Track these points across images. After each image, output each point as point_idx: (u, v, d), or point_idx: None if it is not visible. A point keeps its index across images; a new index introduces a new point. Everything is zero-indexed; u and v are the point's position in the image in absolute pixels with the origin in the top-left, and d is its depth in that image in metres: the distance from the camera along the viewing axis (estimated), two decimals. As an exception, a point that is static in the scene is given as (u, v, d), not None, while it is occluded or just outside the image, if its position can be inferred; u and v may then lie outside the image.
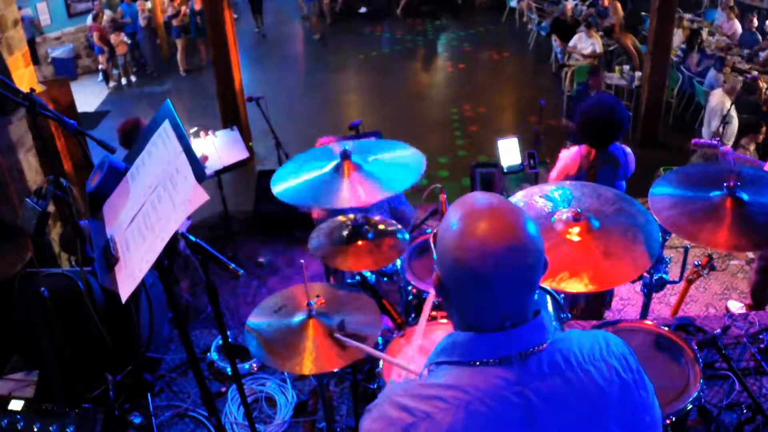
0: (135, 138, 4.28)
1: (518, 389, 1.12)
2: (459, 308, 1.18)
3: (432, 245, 1.21)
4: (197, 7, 11.18)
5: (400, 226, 2.78)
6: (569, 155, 3.68)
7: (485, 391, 1.11)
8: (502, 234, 1.11)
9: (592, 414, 1.15)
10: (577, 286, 2.10)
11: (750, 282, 4.35)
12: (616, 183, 3.63)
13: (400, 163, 2.55)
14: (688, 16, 11.15)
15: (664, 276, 2.73)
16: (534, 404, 1.11)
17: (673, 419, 2.06)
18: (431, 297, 1.99)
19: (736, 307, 4.56)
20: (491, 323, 1.14)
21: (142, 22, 11.50)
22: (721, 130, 6.30)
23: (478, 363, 1.14)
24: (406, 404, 1.12)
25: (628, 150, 3.69)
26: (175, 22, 11.45)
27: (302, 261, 2.33)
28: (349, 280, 2.82)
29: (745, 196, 2.33)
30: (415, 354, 2.09)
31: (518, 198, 2.37)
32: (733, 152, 3.93)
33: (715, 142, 3.94)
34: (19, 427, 2.38)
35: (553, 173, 3.83)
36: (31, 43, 9.35)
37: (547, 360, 1.15)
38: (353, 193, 2.38)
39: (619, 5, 11.15)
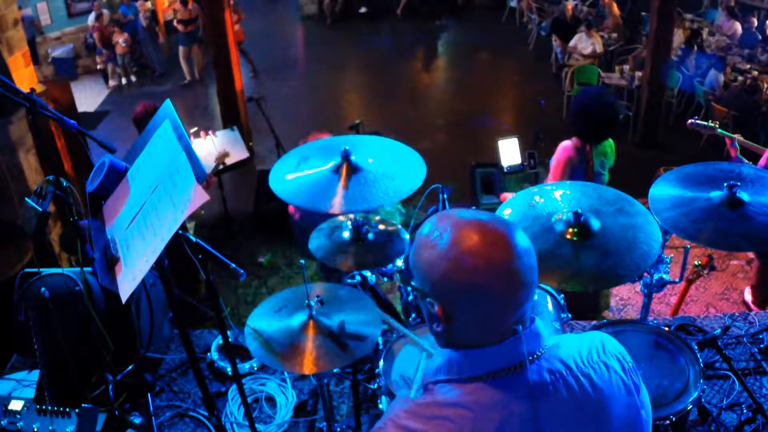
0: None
1: (521, 400, 1.11)
2: (466, 330, 1.14)
3: (404, 278, 1.19)
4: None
5: (400, 226, 2.78)
6: (562, 150, 3.69)
7: (489, 406, 1.10)
8: (499, 246, 1.09)
9: (595, 416, 1.15)
10: (577, 286, 2.10)
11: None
12: (599, 175, 3.71)
13: (400, 169, 2.51)
14: (688, 16, 11.16)
15: (664, 276, 2.73)
16: (539, 413, 1.11)
17: (673, 419, 2.06)
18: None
19: (750, 297, 4.58)
20: (498, 336, 1.13)
21: (143, 22, 11.49)
22: None
23: (478, 378, 1.12)
24: (411, 426, 1.10)
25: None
26: (186, 29, 11.00)
27: (302, 261, 2.33)
28: (348, 280, 2.82)
29: (745, 196, 2.33)
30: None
31: (517, 198, 2.37)
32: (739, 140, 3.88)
33: (713, 125, 3.92)
34: (19, 427, 2.38)
35: (551, 174, 3.84)
36: (31, 43, 9.34)
37: (547, 367, 1.14)
38: (347, 200, 2.36)
39: (615, 5, 11.15)
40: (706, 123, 3.92)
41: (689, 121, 4.01)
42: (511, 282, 1.09)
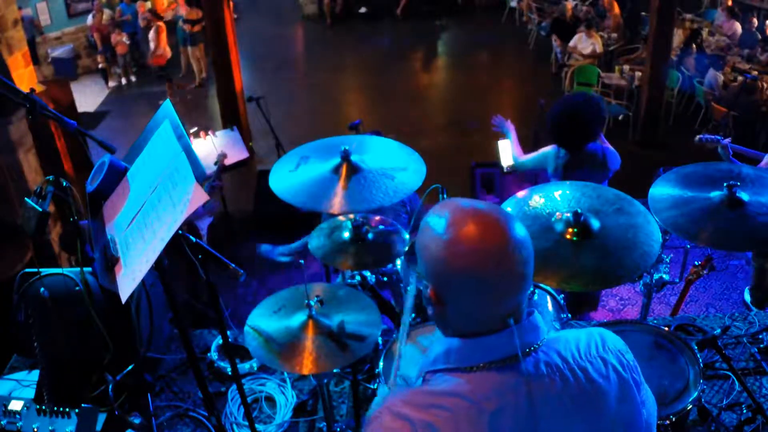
0: None
1: (518, 390, 1.11)
2: (458, 316, 1.16)
3: (406, 262, 1.20)
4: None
5: (400, 226, 2.78)
6: (545, 149, 3.67)
7: (485, 396, 1.11)
8: (495, 233, 1.11)
9: (591, 411, 1.16)
10: (577, 286, 2.10)
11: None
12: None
13: (400, 169, 2.52)
14: (688, 16, 11.15)
15: (664, 276, 2.73)
16: (535, 403, 1.11)
17: (673, 419, 2.06)
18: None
19: (750, 299, 4.59)
20: (489, 326, 1.14)
21: (141, 23, 11.47)
22: None
23: (475, 368, 1.13)
24: (407, 414, 1.11)
25: (610, 147, 3.67)
26: (193, 29, 10.87)
27: (302, 261, 2.33)
28: (348, 280, 2.82)
29: (745, 196, 2.33)
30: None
31: (518, 198, 2.36)
32: (730, 143, 3.94)
33: (719, 138, 3.95)
34: (19, 427, 2.38)
35: (527, 157, 3.81)
36: (31, 43, 9.34)
37: (544, 359, 1.15)
38: (347, 200, 2.36)
39: (616, 5, 11.15)
40: (713, 137, 3.97)
41: (697, 137, 4.05)
42: (504, 269, 1.10)
